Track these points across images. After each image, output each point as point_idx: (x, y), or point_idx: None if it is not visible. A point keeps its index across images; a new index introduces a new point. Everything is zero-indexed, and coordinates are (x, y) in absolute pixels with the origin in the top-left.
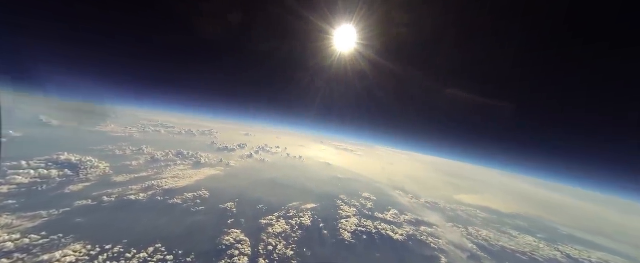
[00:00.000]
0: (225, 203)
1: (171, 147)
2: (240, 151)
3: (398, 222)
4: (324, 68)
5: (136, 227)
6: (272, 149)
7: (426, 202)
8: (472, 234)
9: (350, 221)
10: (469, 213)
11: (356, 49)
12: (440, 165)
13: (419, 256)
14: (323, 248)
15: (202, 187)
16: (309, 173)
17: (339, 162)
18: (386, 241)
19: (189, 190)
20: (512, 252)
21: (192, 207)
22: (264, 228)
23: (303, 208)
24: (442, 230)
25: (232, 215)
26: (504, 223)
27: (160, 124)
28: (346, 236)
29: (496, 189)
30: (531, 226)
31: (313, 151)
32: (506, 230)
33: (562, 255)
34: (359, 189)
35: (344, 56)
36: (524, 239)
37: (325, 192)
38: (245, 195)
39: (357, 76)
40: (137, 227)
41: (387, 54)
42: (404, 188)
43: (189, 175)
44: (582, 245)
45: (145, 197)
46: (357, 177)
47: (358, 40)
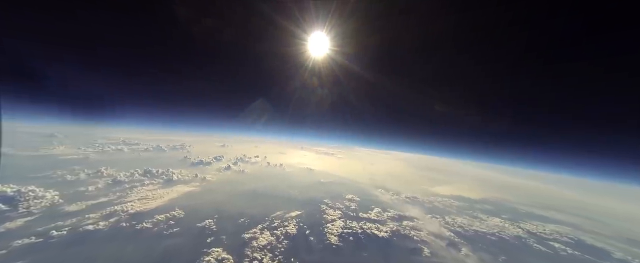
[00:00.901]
0: (203, 221)
1: (137, 166)
2: (217, 164)
3: (382, 220)
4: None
5: (96, 261)
6: (251, 159)
7: (406, 198)
8: (449, 222)
9: (336, 224)
10: (444, 204)
11: (329, 55)
12: (416, 161)
13: (403, 250)
14: (311, 255)
15: (176, 206)
16: (291, 181)
17: (321, 167)
18: (372, 239)
19: (161, 212)
20: (483, 234)
21: (164, 230)
22: (248, 243)
23: (287, 217)
24: (423, 222)
25: (211, 233)
26: (474, 208)
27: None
28: (333, 240)
29: (466, 178)
30: (497, 208)
31: (293, 158)
32: (477, 215)
33: (523, 231)
34: (342, 192)
35: (318, 62)
36: (492, 221)
37: (309, 198)
38: (224, 210)
39: (332, 81)
40: (97, 261)
41: (358, 60)
42: (385, 186)
43: (160, 195)
44: (538, 220)
45: (106, 225)
46: (340, 180)
47: (331, 47)
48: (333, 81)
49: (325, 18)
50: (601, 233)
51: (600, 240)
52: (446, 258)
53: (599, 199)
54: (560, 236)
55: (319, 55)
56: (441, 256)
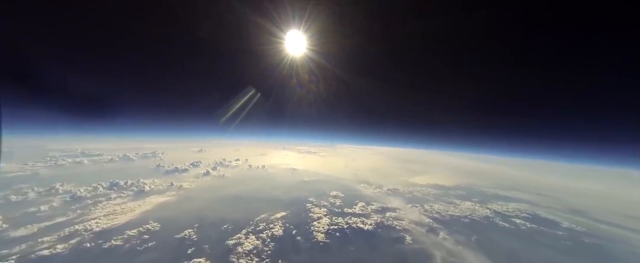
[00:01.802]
0: (182, 232)
1: (100, 178)
2: (195, 170)
3: (366, 213)
4: (276, 73)
5: None
6: (232, 162)
7: (388, 190)
8: (428, 210)
9: (322, 221)
10: (423, 193)
11: (307, 54)
12: (395, 154)
13: (387, 240)
14: (298, 255)
15: (150, 218)
16: (274, 182)
17: (304, 166)
18: (358, 233)
19: (132, 226)
20: (457, 218)
21: (138, 246)
22: (232, 249)
23: (273, 219)
24: (404, 212)
25: (192, 243)
26: (449, 195)
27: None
28: (320, 237)
29: (441, 168)
30: (468, 193)
31: (276, 158)
32: (452, 201)
33: (490, 211)
34: (326, 189)
35: (296, 61)
36: (465, 205)
37: (293, 198)
38: (205, 218)
39: (310, 80)
40: None
41: (335, 60)
42: (367, 181)
43: (130, 208)
44: (502, 200)
45: (66, 247)
46: (324, 178)
47: (308, 46)
48: (311, 80)
49: (301, 17)
50: (553, 207)
51: (552, 213)
52: (426, 243)
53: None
54: (520, 212)
55: (296, 54)
56: (422, 242)
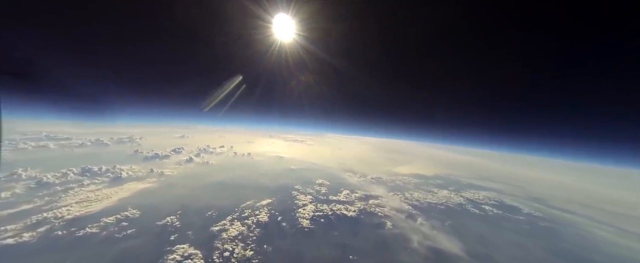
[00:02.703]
0: (164, 219)
1: (70, 164)
2: (177, 156)
3: (350, 201)
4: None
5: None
6: (216, 149)
7: (372, 178)
8: (408, 198)
9: (307, 208)
10: (404, 182)
11: (296, 40)
12: (380, 145)
13: (369, 226)
14: (283, 240)
15: (129, 205)
16: (260, 169)
17: (291, 154)
18: (341, 220)
19: (109, 214)
20: (434, 205)
21: (116, 233)
22: (217, 235)
23: (258, 206)
24: (386, 200)
25: (175, 230)
26: (428, 184)
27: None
28: (305, 223)
29: (422, 158)
30: (446, 182)
31: (262, 146)
32: (430, 189)
33: (464, 199)
34: (312, 177)
35: (284, 47)
36: (441, 193)
37: (279, 185)
38: (189, 205)
39: (299, 67)
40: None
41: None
42: (352, 170)
43: (106, 195)
44: (475, 189)
45: (34, 236)
46: (310, 166)
47: (297, 32)
48: (300, 67)
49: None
50: (517, 195)
51: (516, 200)
52: (405, 228)
53: (525, 171)
54: (489, 200)
55: (285, 39)
56: (401, 227)
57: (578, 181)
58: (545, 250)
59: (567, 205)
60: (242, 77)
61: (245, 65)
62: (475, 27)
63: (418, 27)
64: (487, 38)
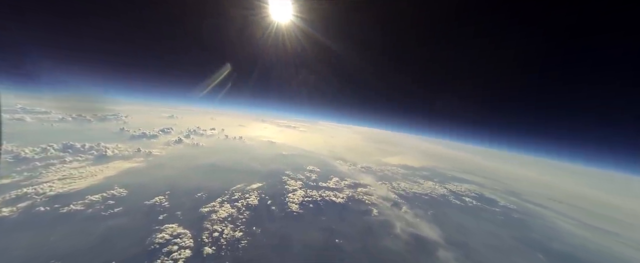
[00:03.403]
0: (153, 199)
1: (50, 139)
2: (165, 137)
3: (339, 188)
4: (260, 40)
5: (6, 253)
6: (207, 131)
7: (362, 167)
8: (395, 187)
9: (297, 193)
10: (392, 172)
11: (293, 22)
12: (372, 135)
13: (356, 212)
14: (272, 223)
15: (115, 184)
16: (251, 154)
17: (282, 139)
18: (330, 205)
19: (94, 191)
20: (419, 195)
21: (102, 211)
22: (207, 216)
23: (248, 189)
24: (374, 188)
25: (163, 210)
26: (415, 175)
27: (22, 108)
28: (294, 208)
29: (411, 150)
30: (431, 174)
31: (254, 130)
32: (416, 180)
33: (447, 190)
34: (303, 163)
35: (281, 29)
36: (427, 184)
37: (270, 170)
38: (178, 186)
39: (296, 50)
40: (7, 253)
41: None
42: (343, 158)
43: (91, 172)
44: (458, 181)
45: (14, 211)
46: (301, 152)
47: (295, 13)
48: (298, 50)
49: None
50: (495, 189)
51: (494, 193)
52: (390, 215)
53: (505, 166)
54: (470, 192)
55: (282, 21)
56: (386, 214)
57: (557, 180)
58: (514, 239)
59: (541, 200)
60: (236, 59)
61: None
62: (476, 21)
63: (421, 15)
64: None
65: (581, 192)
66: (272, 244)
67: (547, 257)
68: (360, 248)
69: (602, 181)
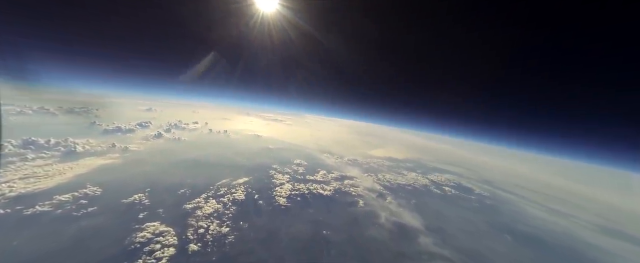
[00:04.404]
0: (131, 197)
1: (7, 135)
2: (143, 131)
3: (327, 181)
4: (244, 28)
5: None
6: (189, 125)
7: (348, 160)
8: (380, 179)
9: (285, 187)
10: (378, 164)
11: (279, 10)
12: (358, 128)
13: (343, 204)
14: (260, 218)
15: (87, 182)
16: (237, 148)
17: (269, 133)
18: (317, 198)
19: (64, 191)
20: (403, 186)
21: (74, 211)
22: (191, 213)
23: (235, 184)
24: (360, 180)
25: (144, 208)
26: (399, 167)
27: None
28: (282, 201)
29: (395, 142)
30: (415, 165)
31: (239, 124)
32: (400, 171)
33: (428, 181)
34: (290, 157)
35: (266, 18)
36: (410, 175)
37: (257, 164)
38: (159, 182)
39: (281, 39)
40: None
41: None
42: (330, 151)
43: (58, 170)
44: (439, 172)
45: None
46: (288, 146)
47: (281, 2)
48: (283, 41)
49: None
50: (472, 178)
51: (471, 182)
52: (375, 206)
53: (483, 157)
54: (449, 182)
55: (267, 10)
56: (372, 205)
57: (527, 169)
58: (486, 223)
59: (513, 188)
60: (219, 49)
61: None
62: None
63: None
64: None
65: (546, 180)
66: (259, 238)
67: (512, 237)
68: (346, 238)
69: (566, 171)
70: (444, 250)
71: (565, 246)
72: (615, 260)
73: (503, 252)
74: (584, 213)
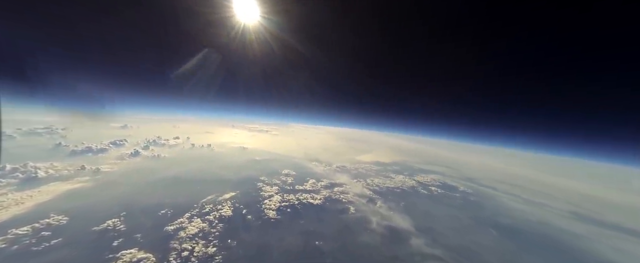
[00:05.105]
0: (103, 223)
1: None
2: (117, 150)
3: (316, 189)
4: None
5: None
6: (169, 141)
7: (337, 167)
8: (369, 184)
9: (274, 199)
10: (366, 169)
11: (260, 22)
12: (344, 134)
13: (334, 212)
14: (249, 233)
15: (50, 211)
16: (222, 162)
17: (255, 144)
18: (308, 208)
19: (21, 223)
20: (392, 189)
21: (33, 246)
22: (173, 235)
23: (221, 200)
24: (350, 187)
25: (118, 235)
26: (387, 170)
27: None
28: (271, 214)
29: (382, 147)
30: (402, 168)
31: (224, 137)
32: (388, 175)
33: (415, 182)
34: (278, 168)
35: (248, 29)
36: (398, 178)
37: (244, 177)
38: (136, 205)
39: (264, 52)
40: None
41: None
42: (318, 159)
43: (16, 200)
44: (424, 173)
45: None
46: (275, 157)
47: (262, 14)
48: (266, 52)
49: None
50: (456, 177)
51: (455, 181)
52: (366, 211)
53: (462, 156)
54: (435, 182)
55: (249, 22)
56: (363, 210)
57: (508, 165)
58: (470, 218)
59: (491, 183)
60: (202, 60)
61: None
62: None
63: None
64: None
65: (521, 174)
66: (249, 255)
67: (496, 230)
68: (340, 247)
69: (540, 164)
70: (436, 249)
71: (542, 234)
72: (585, 243)
73: (489, 245)
74: (556, 202)
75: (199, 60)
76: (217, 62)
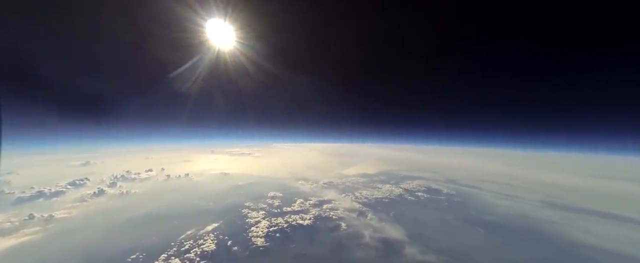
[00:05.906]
0: None
1: None
2: (77, 191)
3: (305, 209)
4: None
5: None
6: (140, 174)
7: (324, 184)
8: (358, 197)
9: (261, 225)
10: (353, 182)
11: (236, 47)
12: (327, 150)
13: (325, 230)
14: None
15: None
16: (202, 191)
17: (237, 169)
18: (297, 230)
19: None
20: (380, 199)
21: None
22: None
23: (202, 233)
24: (339, 202)
25: None
26: (374, 181)
27: None
28: (259, 242)
29: (366, 158)
30: (388, 177)
31: (203, 164)
32: (375, 186)
33: (402, 190)
34: (263, 191)
35: (224, 54)
36: (385, 187)
37: (226, 205)
38: (99, 254)
39: (241, 75)
40: None
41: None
42: (304, 177)
43: None
44: (410, 179)
45: None
46: (260, 179)
47: (237, 39)
48: (242, 76)
49: (225, 5)
50: (439, 180)
51: (439, 184)
52: (358, 226)
53: (443, 159)
54: (420, 187)
55: (224, 47)
56: (354, 225)
57: (491, 164)
58: (456, 219)
59: (473, 183)
60: (175, 87)
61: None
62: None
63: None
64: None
65: (498, 170)
66: None
67: (483, 228)
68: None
69: (515, 160)
70: (429, 255)
71: (523, 226)
72: (560, 228)
73: (477, 245)
74: (531, 194)
75: (174, 87)
76: (193, 87)
